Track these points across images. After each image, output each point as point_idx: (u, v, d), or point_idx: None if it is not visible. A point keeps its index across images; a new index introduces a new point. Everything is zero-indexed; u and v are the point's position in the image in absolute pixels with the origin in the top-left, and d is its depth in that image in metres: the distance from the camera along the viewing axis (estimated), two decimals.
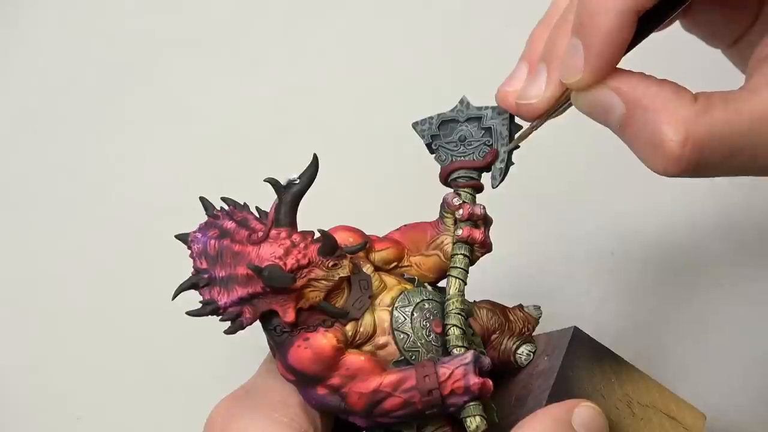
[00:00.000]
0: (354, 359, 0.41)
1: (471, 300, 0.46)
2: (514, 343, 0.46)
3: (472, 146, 0.46)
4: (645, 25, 0.37)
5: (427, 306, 0.44)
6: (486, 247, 0.46)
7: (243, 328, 0.41)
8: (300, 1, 0.76)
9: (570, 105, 0.41)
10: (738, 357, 0.65)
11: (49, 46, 0.76)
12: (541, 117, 0.42)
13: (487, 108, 0.46)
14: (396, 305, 0.43)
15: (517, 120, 0.46)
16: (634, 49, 0.38)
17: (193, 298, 0.41)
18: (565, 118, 0.44)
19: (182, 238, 0.42)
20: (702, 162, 0.36)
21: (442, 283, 0.46)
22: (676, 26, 0.47)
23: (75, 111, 0.74)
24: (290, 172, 0.42)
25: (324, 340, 0.41)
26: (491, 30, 0.72)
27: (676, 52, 0.51)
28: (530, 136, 0.45)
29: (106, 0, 0.77)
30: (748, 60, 0.39)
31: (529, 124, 0.43)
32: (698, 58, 0.49)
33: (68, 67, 0.75)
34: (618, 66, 0.38)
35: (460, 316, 0.43)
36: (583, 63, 0.37)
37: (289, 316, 0.40)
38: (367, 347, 0.43)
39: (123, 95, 0.74)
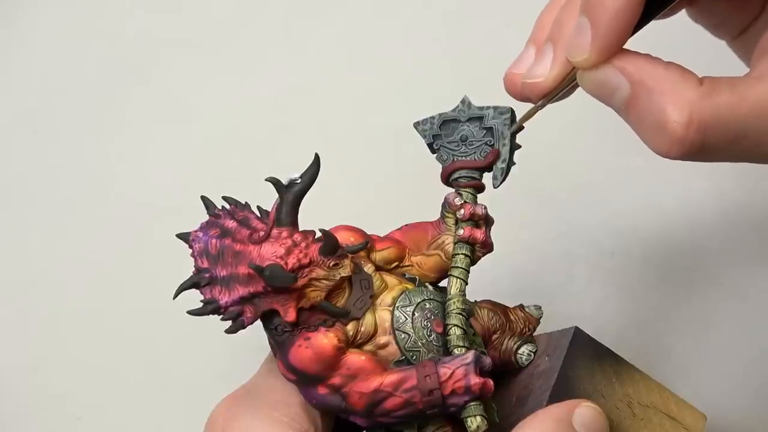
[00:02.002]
0: (355, 359, 0.41)
1: (472, 300, 0.46)
2: (515, 343, 0.46)
3: (473, 146, 0.46)
4: (652, 5, 0.37)
5: (428, 306, 0.44)
6: (487, 247, 0.46)
7: (244, 327, 0.41)
8: (300, 1, 0.76)
9: (575, 86, 0.40)
10: (738, 356, 0.65)
11: (48, 45, 0.76)
12: (546, 96, 0.42)
13: (488, 108, 0.46)
14: (397, 305, 0.43)
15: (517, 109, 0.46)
16: (641, 39, 0.38)
17: (194, 298, 0.41)
18: (566, 118, 0.44)
19: (183, 237, 0.42)
20: (705, 145, 0.36)
21: (443, 283, 0.46)
22: (683, 15, 0.47)
23: (75, 111, 0.74)
24: (291, 171, 0.42)
25: (325, 339, 0.41)
26: (491, 30, 0.72)
27: (682, 41, 0.51)
28: (535, 116, 0.44)
29: (105, 0, 0.77)
30: (752, 52, 0.39)
31: (533, 105, 0.43)
32: (704, 49, 0.49)
33: (68, 67, 0.75)
34: (624, 48, 0.38)
35: (461, 316, 0.43)
36: (590, 42, 0.37)
37: (290, 315, 0.41)
38: (368, 347, 0.43)
39: (123, 95, 0.74)
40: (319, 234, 0.41)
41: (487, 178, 0.46)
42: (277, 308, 0.41)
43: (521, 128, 0.46)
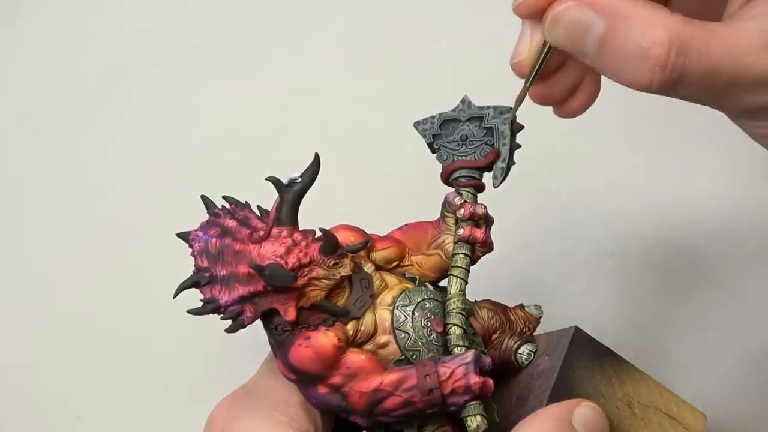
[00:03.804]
0: (355, 358, 0.41)
1: (472, 299, 0.46)
2: (514, 343, 0.46)
3: (473, 146, 0.46)
4: None
5: (428, 305, 0.44)
6: (487, 246, 0.46)
7: (244, 326, 0.41)
8: (299, 1, 0.76)
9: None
10: (738, 356, 0.65)
11: (48, 45, 0.76)
12: (531, 71, 0.42)
13: (488, 107, 0.46)
14: (397, 304, 0.43)
15: (517, 113, 0.46)
16: None
17: (194, 297, 0.41)
18: (566, 119, 0.44)
19: (184, 236, 0.42)
20: (685, 71, 0.36)
21: (443, 283, 0.46)
22: None
23: (75, 111, 0.74)
24: (291, 171, 0.42)
25: (325, 339, 0.41)
26: (491, 30, 0.72)
27: None
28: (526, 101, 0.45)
29: (105, 0, 0.77)
30: None
31: (523, 86, 0.43)
32: None
33: (68, 67, 0.75)
34: None
35: (461, 316, 0.43)
36: None
37: (290, 314, 0.41)
38: (368, 346, 0.43)
39: (123, 95, 0.74)
40: (319, 233, 0.41)
41: (487, 177, 0.46)
42: (277, 307, 0.41)
43: (521, 127, 0.46)
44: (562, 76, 0.42)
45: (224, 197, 0.43)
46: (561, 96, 0.43)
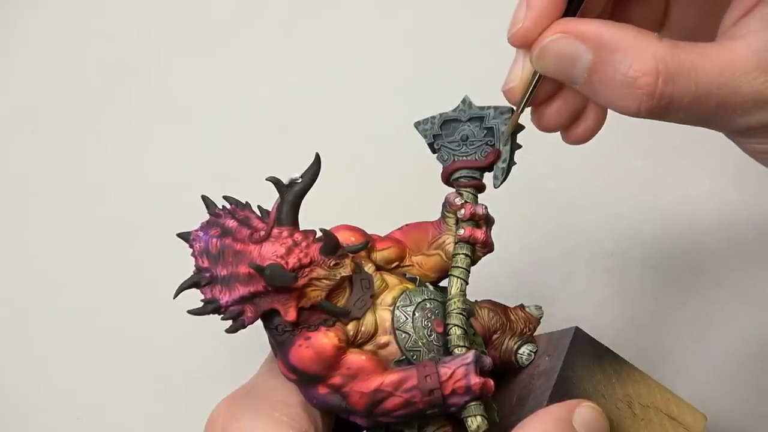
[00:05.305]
0: (355, 359, 0.41)
1: (472, 300, 0.46)
2: (515, 343, 0.46)
3: (474, 146, 0.46)
4: None
5: (428, 306, 0.44)
6: (488, 246, 0.46)
7: (244, 327, 0.41)
8: (300, 1, 0.76)
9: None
10: (738, 356, 0.65)
11: (48, 46, 0.76)
12: (523, 98, 0.42)
13: (489, 108, 0.46)
14: (397, 305, 0.43)
15: (520, 120, 0.46)
16: None
17: (195, 297, 0.41)
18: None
19: (184, 236, 0.42)
20: (674, 98, 0.37)
21: (443, 283, 0.46)
22: None
23: (75, 111, 0.74)
24: (291, 171, 0.42)
25: (325, 339, 0.41)
26: (491, 30, 0.72)
27: None
28: (520, 128, 0.46)
29: (105, 0, 0.77)
30: None
31: (515, 112, 0.44)
32: None
33: (68, 67, 0.75)
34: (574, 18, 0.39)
35: (461, 316, 0.43)
36: (524, 13, 0.38)
37: (291, 315, 0.40)
38: (369, 346, 0.43)
39: (123, 95, 0.74)
40: (319, 234, 0.41)
41: (487, 177, 0.46)
42: (278, 308, 0.41)
43: (522, 128, 0.46)
44: (563, 102, 0.42)
45: (224, 197, 0.43)
46: (563, 123, 0.43)
